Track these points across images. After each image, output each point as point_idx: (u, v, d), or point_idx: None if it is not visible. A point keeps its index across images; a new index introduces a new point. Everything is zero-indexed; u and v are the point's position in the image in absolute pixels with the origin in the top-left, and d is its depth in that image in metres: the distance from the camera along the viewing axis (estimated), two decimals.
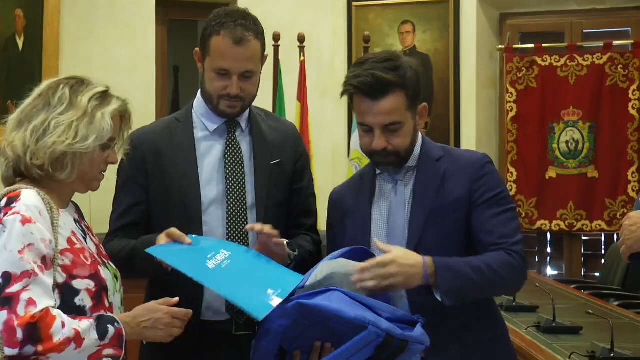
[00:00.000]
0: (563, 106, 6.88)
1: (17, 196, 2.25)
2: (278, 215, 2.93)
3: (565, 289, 5.32)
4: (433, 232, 2.64)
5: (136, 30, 6.88)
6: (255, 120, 2.99)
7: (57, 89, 2.36)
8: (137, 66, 6.79)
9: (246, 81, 2.85)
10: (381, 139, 2.63)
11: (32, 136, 2.30)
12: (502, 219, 2.65)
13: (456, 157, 2.76)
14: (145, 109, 6.52)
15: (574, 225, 6.85)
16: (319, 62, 6.95)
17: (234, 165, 2.90)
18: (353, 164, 5.66)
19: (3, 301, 2.15)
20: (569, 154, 6.88)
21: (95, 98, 2.37)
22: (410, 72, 2.65)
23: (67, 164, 2.32)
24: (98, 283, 2.33)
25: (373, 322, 2.36)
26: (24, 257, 2.17)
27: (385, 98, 2.60)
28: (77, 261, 2.30)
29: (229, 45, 2.78)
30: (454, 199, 2.66)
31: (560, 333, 3.81)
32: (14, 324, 2.12)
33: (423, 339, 2.42)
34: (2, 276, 2.16)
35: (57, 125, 2.30)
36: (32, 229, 2.20)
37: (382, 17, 7.10)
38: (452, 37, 6.97)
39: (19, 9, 6.38)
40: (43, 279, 2.19)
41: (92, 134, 2.33)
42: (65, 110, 2.32)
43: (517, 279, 2.65)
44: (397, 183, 2.73)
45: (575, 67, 6.84)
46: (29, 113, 2.34)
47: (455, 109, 6.99)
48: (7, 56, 6.26)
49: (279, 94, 6.05)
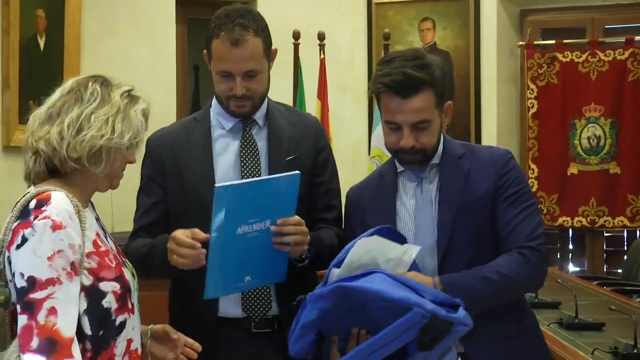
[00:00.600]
0: (584, 102, 6.84)
1: (47, 199, 2.21)
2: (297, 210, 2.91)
3: (588, 285, 5.29)
4: (462, 229, 2.64)
5: (156, 29, 6.90)
6: (273, 116, 2.99)
7: (87, 85, 2.34)
8: (158, 66, 6.82)
9: (251, 80, 2.84)
10: (410, 137, 2.62)
11: (70, 129, 2.27)
12: (523, 215, 2.65)
13: (478, 154, 2.76)
14: (165, 109, 6.54)
15: (596, 221, 6.82)
16: (338, 60, 6.96)
17: (250, 162, 2.90)
18: (374, 161, 5.66)
19: (25, 305, 2.13)
20: (590, 150, 6.85)
21: (125, 95, 2.37)
22: (437, 70, 2.65)
23: (102, 158, 2.30)
24: (123, 285, 2.33)
25: (418, 303, 2.34)
26: (52, 264, 2.15)
27: (415, 96, 2.59)
28: (103, 264, 2.29)
29: (228, 47, 2.79)
30: (481, 195, 2.66)
31: (582, 329, 3.80)
32: (33, 331, 2.11)
33: (467, 320, 2.39)
34: (28, 280, 2.14)
35: (95, 119, 2.28)
36: (62, 235, 2.18)
37: (402, 14, 7.10)
38: (473, 34, 6.96)
39: (41, 9, 6.41)
40: (69, 287, 2.17)
41: (127, 131, 2.32)
42: (100, 106, 2.31)
43: (535, 277, 2.65)
44: (422, 180, 2.72)
45: (596, 63, 6.81)
46: (60, 108, 2.31)
47: (475, 106, 6.98)
48: (28, 56, 6.29)
49: (299, 91, 6.05)
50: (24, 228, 2.18)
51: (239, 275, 2.66)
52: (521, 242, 2.61)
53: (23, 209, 2.22)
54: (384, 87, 2.62)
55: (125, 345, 2.32)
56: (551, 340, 3.60)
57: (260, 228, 2.64)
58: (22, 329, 2.12)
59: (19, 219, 2.21)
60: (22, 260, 2.16)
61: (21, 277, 2.15)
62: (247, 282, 2.70)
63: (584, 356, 3.34)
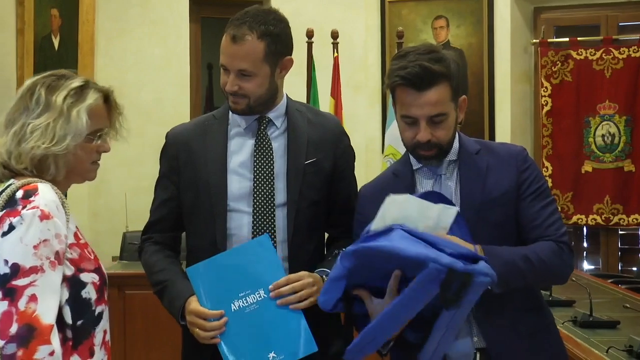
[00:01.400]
0: (599, 100, 6.82)
1: (34, 190, 2.27)
2: (313, 214, 2.90)
3: (602, 283, 5.27)
4: (484, 226, 2.62)
5: (170, 28, 6.92)
6: (293, 117, 2.95)
7: (34, 91, 2.38)
8: (171, 64, 6.83)
9: (244, 80, 2.81)
10: (426, 131, 2.61)
11: (13, 141, 2.34)
12: (547, 211, 2.66)
13: (495, 150, 2.75)
14: (178, 106, 6.56)
15: (611, 219, 6.80)
16: (352, 58, 6.96)
17: (263, 162, 2.88)
18: (387, 159, 5.64)
19: (7, 291, 2.17)
20: (605, 148, 6.83)
21: (71, 95, 2.38)
22: (453, 63, 2.64)
23: (49, 165, 2.34)
24: (101, 277, 2.38)
25: (433, 259, 2.31)
26: (37, 253, 2.20)
27: (432, 89, 2.58)
28: (83, 255, 2.34)
29: (227, 42, 2.79)
30: (502, 192, 2.65)
31: (597, 327, 3.78)
32: (13, 317, 2.15)
33: (488, 271, 2.34)
34: (11, 267, 2.18)
35: (33, 130, 2.32)
36: (49, 225, 2.23)
37: (415, 12, 7.09)
38: (486, 32, 6.96)
39: (55, 9, 6.44)
40: (51, 276, 2.21)
41: (69, 134, 2.34)
42: (42, 113, 2.35)
43: (565, 269, 2.65)
44: (441, 177, 2.71)
45: (611, 60, 6.79)
46: (12, 116, 2.38)
47: (489, 104, 6.96)
48: (43, 55, 6.32)
49: (312, 90, 6.05)
50: (11, 216, 2.23)
51: (261, 353, 2.64)
52: (553, 237, 2.61)
53: (9, 199, 2.27)
54: (400, 79, 2.60)
55: (102, 335, 2.37)
56: (566, 339, 3.58)
57: (257, 300, 2.66)
58: (2, 314, 2.15)
59: (5, 208, 2.26)
60: (7, 248, 2.20)
61: (5, 264, 2.18)
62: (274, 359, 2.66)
63: (599, 354, 3.32)
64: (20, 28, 6.24)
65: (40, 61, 6.29)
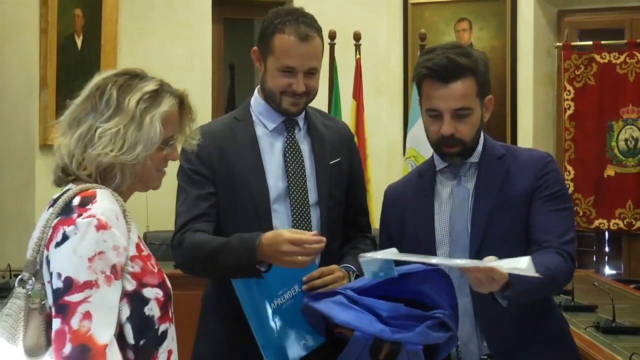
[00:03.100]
0: (622, 104, 6.78)
1: (92, 197, 2.09)
2: (339, 213, 2.95)
3: (624, 288, 5.22)
4: (496, 229, 2.62)
5: (192, 29, 6.94)
6: (312, 119, 2.98)
7: (104, 90, 2.19)
8: (194, 64, 6.84)
9: (310, 78, 2.84)
10: (450, 124, 2.61)
11: (78, 145, 2.16)
12: (557, 216, 2.62)
13: (519, 156, 2.74)
14: (201, 107, 6.45)
15: (633, 224, 6.75)
16: (374, 60, 6.94)
17: (295, 163, 2.89)
18: (409, 162, 5.62)
19: (59, 308, 2.01)
20: (627, 152, 6.78)
21: (144, 99, 2.19)
22: (480, 61, 2.65)
23: (115, 174, 2.17)
24: (165, 292, 2.19)
25: (359, 327, 2.43)
26: (92, 266, 2.02)
27: (457, 81, 2.59)
28: (146, 268, 2.15)
29: (295, 42, 2.77)
30: (517, 195, 2.64)
31: (620, 333, 3.74)
32: (66, 337, 1.98)
33: (419, 339, 2.41)
34: (64, 281, 2.01)
35: (102, 135, 2.13)
36: (105, 236, 2.04)
37: (438, 14, 7.07)
38: (509, 35, 6.93)
39: (78, 9, 6.46)
40: (107, 291, 2.03)
41: (140, 142, 2.16)
42: (112, 116, 2.16)
43: (566, 278, 2.63)
44: (461, 179, 2.71)
45: (634, 64, 6.74)
46: (78, 116, 2.19)
47: (512, 107, 6.94)
48: (66, 55, 6.34)
49: (334, 92, 6.04)
50: (65, 225, 2.06)
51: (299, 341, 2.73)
52: (555, 243, 2.57)
53: (65, 206, 2.10)
54: (426, 70, 2.62)
55: (166, 356, 2.19)
56: (588, 345, 3.57)
57: (292, 295, 2.72)
58: (55, 333, 2.00)
59: (60, 215, 2.09)
60: (60, 260, 2.04)
61: (58, 278, 2.02)
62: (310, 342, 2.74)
63: None
64: (44, 28, 6.26)
65: (63, 61, 6.31)
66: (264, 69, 2.87)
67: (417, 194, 2.78)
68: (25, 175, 6.29)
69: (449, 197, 2.71)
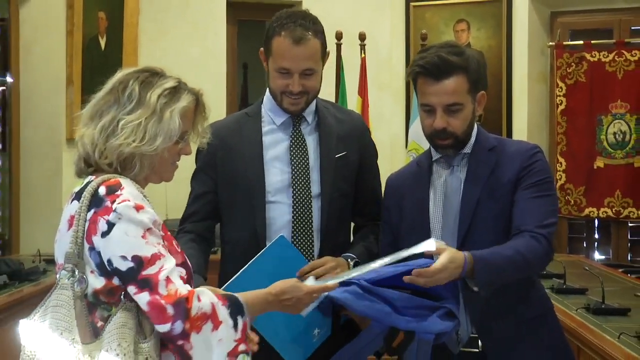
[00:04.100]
0: (611, 99, 6.75)
1: (118, 184, 2.10)
2: (343, 204, 2.93)
3: (613, 272, 5.21)
4: (483, 216, 2.62)
5: (208, 29, 6.94)
6: (322, 113, 2.97)
7: (127, 84, 2.21)
8: (209, 63, 6.85)
9: (307, 78, 2.82)
10: (442, 119, 2.62)
11: (101, 135, 2.15)
12: (537, 202, 2.60)
13: (508, 147, 2.74)
14: (216, 104, 6.47)
15: (621, 212, 6.74)
16: (378, 59, 6.94)
17: (299, 156, 2.88)
18: (410, 154, 5.62)
19: (142, 283, 2.03)
20: (616, 145, 6.76)
21: (164, 95, 2.20)
22: (472, 59, 2.65)
23: (135, 164, 2.17)
24: (187, 271, 2.22)
25: (374, 317, 2.44)
26: (149, 241, 2.06)
27: (449, 78, 2.60)
28: (170, 249, 2.16)
29: (289, 45, 2.75)
30: (503, 184, 2.64)
31: (609, 314, 3.74)
32: (162, 302, 2.02)
33: (432, 328, 2.42)
34: (133, 260, 2.04)
35: (124, 126, 2.14)
36: (146, 215, 2.08)
37: (438, 15, 7.05)
38: (505, 35, 6.91)
39: (102, 12, 6.47)
40: (170, 258, 2.10)
41: (160, 134, 2.17)
42: (134, 109, 2.17)
43: (541, 261, 2.60)
44: (454, 169, 2.71)
45: (623, 62, 6.71)
46: (100, 108, 2.20)
47: (507, 103, 6.92)
48: (90, 55, 6.35)
49: (341, 89, 6.03)
50: (104, 215, 2.07)
51: (308, 334, 2.69)
52: (530, 227, 2.55)
53: (93, 198, 2.10)
54: (419, 68, 2.63)
55: None
56: (579, 325, 3.56)
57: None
58: (148, 304, 2.03)
59: (92, 207, 2.09)
60: (116, 245, 2.05)
61: (123, 260, 2.04)
62: (319, 334, 2.71)
63: (611, 340, 3.29)
64: (70, 29, 6.27)
65: (88, 60, 6.33)
66: (268, 69, 2.87)
67: (414, 182, 2.79)
68: (53, 167, 6.31)
69: (442, 185, 2.72)
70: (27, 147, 6.35)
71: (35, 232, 6.23)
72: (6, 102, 6.29)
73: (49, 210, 6.17)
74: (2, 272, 4.55)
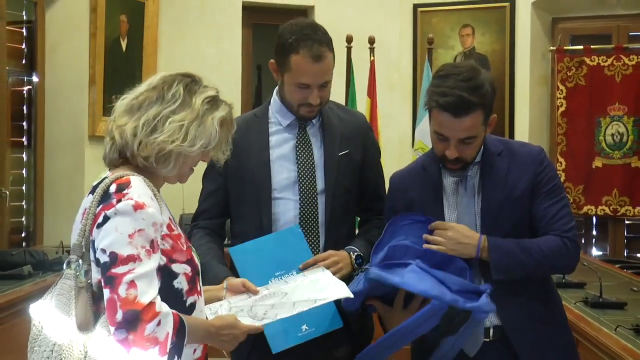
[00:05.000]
0: (609, 102, 6.72)
1: (127, 183, 2.08)
2: (347, 200, 2.92)
3: (610, 268, 5.19)
4: (503, 224, 2.59)
5: (224, 32, 6.95)
6: (326, 114, 2.96)
7: (172, 84, 2.20)
8: (225, 64, 6.86)
9: (324, 90, 2.83)
10: (455, 149, 2.55)
11: (144, 128, 2.13)
12: (557, 207, 2.61)
13: (515, 151, 2.69)
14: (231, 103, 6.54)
15: (618, 210, 6.71)
16: (387, 61, 6.92)
17: (305, 155, 2.89)
18: (417, 153, 5.60)
19: (107, 280, 2.00)
20: (614, 146, 6.73)
21: (206, 101, 2.21)
22: (489, 90, 2.55)
23: (170, 161, 2.16)
24: (193, 268, 2.20)
25: (436, 296, 2.39)
26: (133, 242, 2.01)
27: (467, 117, 2.50)
28: (175, 246, 2.15)
29: (309, 63, 2.74)
30: (520, 192, 2.61)
31: (606, 308, 3.73)
32: (116, 305, 1.97)
33: (487, 307, 2.41)
34: (110, 255, 2.01)
35: (170, 123, 2.13)
36: (144, 215, 2.04)
37: (444, 20, 7.04)
38: (508, 39, 6.90)
39: (123, 15, 6.47)
40: (148, 264, 2.03)
41: (200, 138, 2.17)
42: (179, 109, 2.16)
43: (568, 261, 2.62)
44: (466, 178, 2.66)
45: (621, 66, 6.68)
46: (142, 102, 2.17)
47: (510, 105, 6.92)
48: (112, 56, 6.35)
49: (351, 90, 6.03)
50: (106, 210, 2.05)
51: (295, 325, 2.64)
52: (558, 232, 2.57)
53: (103, 194, 2.08)
54: (437, 105, 2.52)
55: None
56: (577, 318, 3.55)
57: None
58: (107, 301, 2.00)
59: (101, 203, 2.08)
60: (103, 237, 2.03)
61: (103, 253, 2.02)
62: (306, 332, 2.66)
63: (608, 332, 3.28)
64: (93, 32, 6.26)
65: (110, 62, 6.32)
66: (282, 81, 2.86)
67: (423, 187, 2.72)
68: (75, 162, 6.31)
69: (454, 193, 2.68)
70: (51, 144, 6.36)
71: (58, 225, 6.24)
72: (32, 101, 6.29)
73: (71, 203, 6.15)
74: (27, 263, 4.56)
